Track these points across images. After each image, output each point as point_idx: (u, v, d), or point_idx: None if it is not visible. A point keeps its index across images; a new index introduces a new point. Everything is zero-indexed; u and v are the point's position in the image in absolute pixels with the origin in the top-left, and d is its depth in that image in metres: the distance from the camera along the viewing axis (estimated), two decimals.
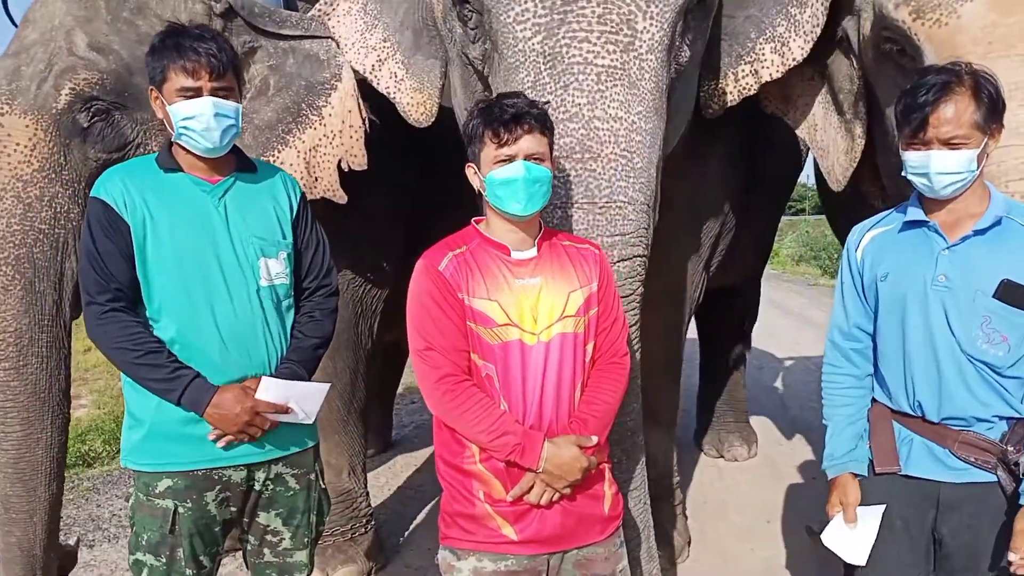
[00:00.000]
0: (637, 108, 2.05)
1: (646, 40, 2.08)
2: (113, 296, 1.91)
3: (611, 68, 2.04)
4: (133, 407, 2.01)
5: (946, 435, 1.89)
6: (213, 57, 1.92)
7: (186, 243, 1.95)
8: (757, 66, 2.60)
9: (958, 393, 1.86)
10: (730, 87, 2.63)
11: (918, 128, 1.80)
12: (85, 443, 5.42)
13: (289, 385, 2.00)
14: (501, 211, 1.85)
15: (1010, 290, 1.80)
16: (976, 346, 1.83)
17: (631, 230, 2.07)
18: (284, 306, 2.08)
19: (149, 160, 2.04)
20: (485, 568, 1.84)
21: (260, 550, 2.13)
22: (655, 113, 2.10)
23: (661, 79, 2.11)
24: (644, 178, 2.07)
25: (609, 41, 2.04)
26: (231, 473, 2.01)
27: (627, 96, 2.05)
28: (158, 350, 1.91)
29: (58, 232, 2.44)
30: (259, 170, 2.12)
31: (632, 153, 2.04)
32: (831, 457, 2.04)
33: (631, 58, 2.06)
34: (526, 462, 1.78)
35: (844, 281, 2.07)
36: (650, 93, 2.08)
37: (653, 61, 2.09)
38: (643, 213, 2.08)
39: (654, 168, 2.10)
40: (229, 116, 1.96)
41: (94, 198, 1.94)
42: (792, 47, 2.55)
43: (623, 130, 2.03)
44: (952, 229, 1.88)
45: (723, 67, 2.62)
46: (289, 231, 2.09)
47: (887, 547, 1.97)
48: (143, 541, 1.98)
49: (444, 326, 1.82)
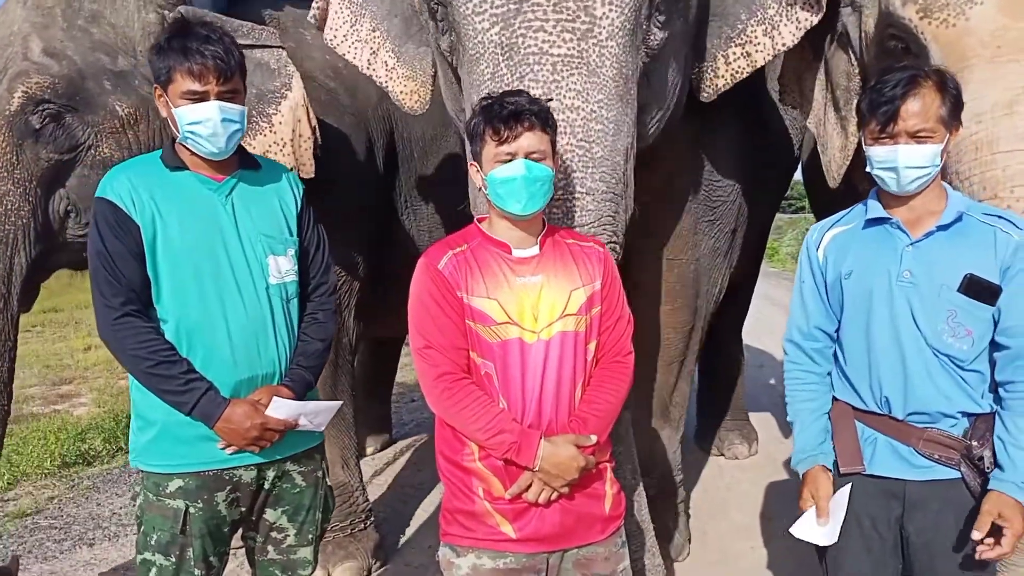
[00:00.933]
0: (597, 96, 2.03)
1: (605, 26, 2.04)
2: (126, 299, 1.89)
3: (567, 57, 2.02)
4: (142, 409, 1.99)
5: (910, 433, 1.90)
6: (220, 60, 1.90)
7: (196, 241, 1.94)
8: (749, 48, 2.54)
9: (924, 388, 1.87)
10: (721, 70, 2.57)
11: (887, 121, 1.82)
12: (85, 441, 5.42)
13: (299, 404, 2.00)
14: (502, 210, 1.84)
15: (974, 284, 1.82)
16: (942, 340, 1.85)
17: (591, 220, 2.05)
18: (292, 303, 2.08)
19: (154, 158, 2.03)
20: (484, 565, 1.84)
21: (265, 547, 2.13)
22: (619, 100, 2.07)
23: (625, 65, 2.09)
24: (605, 167, 2.05)
25: (565, 29, 2.02)
26: (242, 473, 2.01)
27: (585, 85, 2.02)
28: (171, 359, 1.90)
29: (7, 229, 2.55)
30: (263, 167, 2.12)
31: (591, 143, 2.03)
32: (801, 451, 2.03)
33: (590, 45, 2.03)
34: (522, 460, 1.79)
35: (804, 280, 2.07)
36: (612, 80, 2.05)
37: (614, 47, 2.06)
38: (605, 202, 2.06)
39: (620, 156, 2.09)
40: (235, 120, 1.95)
41: (101, 198, 1.92)
42: (783, 31, 2.49)
43: (580, 120, 2.02)
44: (914, 226, 1.90)
45: (713, 49, 2.57)
46: (295, 228, 2.09)
47: (856, 546, 1.98)
48: (152, 541, 1.97)
49: (443, 324, 1.82)
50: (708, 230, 3.24)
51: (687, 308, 3.27)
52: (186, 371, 1.91)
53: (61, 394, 6.93)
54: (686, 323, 3.28)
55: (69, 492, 4.69)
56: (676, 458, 3.50)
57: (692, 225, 3.18)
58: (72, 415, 6.17)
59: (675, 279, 3.23)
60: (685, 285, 3.24)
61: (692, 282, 3.26)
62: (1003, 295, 1.82)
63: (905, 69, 1.87)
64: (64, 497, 4.62)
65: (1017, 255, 1.83)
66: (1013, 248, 1.83)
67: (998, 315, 1.84)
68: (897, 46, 2.31)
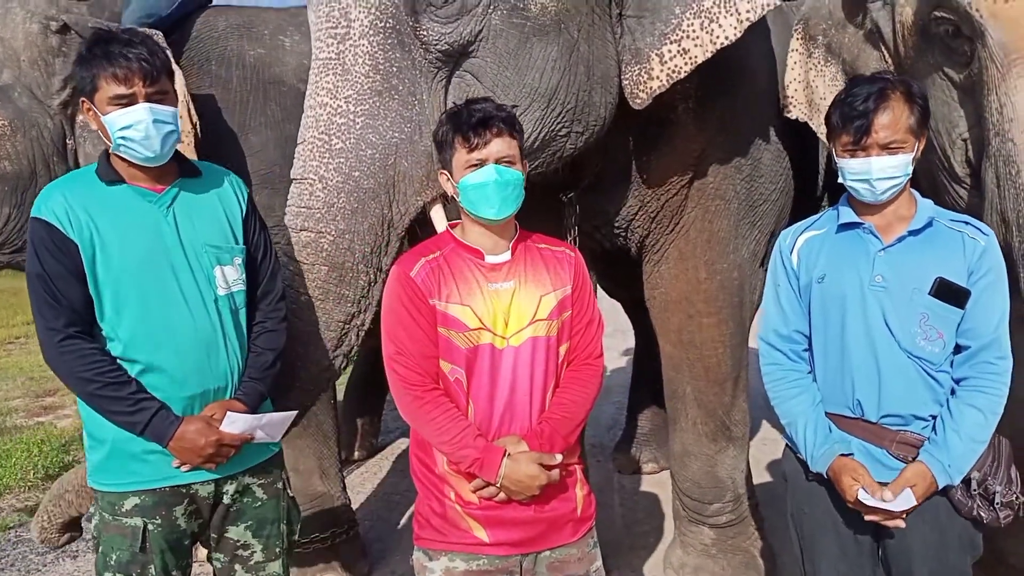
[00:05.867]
0: (346, 93, 2.19)
1: (357, 28, 2.18)
2: (68, 320, 1.84)
3: (328, 60, 2.21)
4: (91, 427, 1.95)
5: (883, 435, 1.92)
6: (145, 61, 1.86)
7: (138, 257, 1.89)
8: (687, 43, 2.35)
9: (897, 391, 1.90)
10: (656, 71, 2.38)
11: (862, 135, 1.85)
12: (69, 453, 5.38)
13: (254, 418, 1.97)
14: (475, 216, 1.86)
15: (944, 288, 1.86)
16: (915, 343, 1.88)
17: (318, 205, 2.19)
18: (242, 313, 2.05)
19: (89, 172, 1.96)
20: (457, 568, 1.86)
21: (231, 567, 2.08)
22: (374, 95, 2.19)
23: (381, 61, 2.19)
24: (343, 158, 2.18)
25: (331, 35, 2.21)
26: (198, 487, 1.97)
27: (336, 83, 2.19)
28: (119, 380, 1.85)
29: None
30: (204, 174, 2.06)
31: (331, 136, 2.18)
32: (815, 448, 1.95)
33: (346, 47, 2.19)
34: (485, 476, 1.81)
35: (780, 284, 2.07)
36: (365, 77, 2.18)
37: (367, 45, 2.18)
38: (335, 192, 2.18)
39: (372, 148, 2.19)
40: (168, 122, 1.90)
41: (36, 219, 1.86)
42: (723, 23, 2.31)
43: (325, 115, 2.19)
44: (885, 231, 1.93)
45: (647, 48, 2.39)
46: (241, 235, 2.05)
47: (832, 550, 1.99)
48: (112, 561, 1.93)
49: (414, 333, 1.83)
50: (749, 232, 3.04)
51: (733, 319, 3.04)
52: (135, 391, 1.86)
53: (44, 406, 6.87)
54: (734, 336, 3.05)
55: None
56: (745, 480, 3.25)
57: (732, 227, 2.97)
58: (56, 427, 6.12)
59: (717, 288, 2.99)
60: (729, 294, 3.01)
61: (737, 290, 3.03)
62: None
63: (873, 81, 1.90)
64: None
65: (983, 260, 1.86)
66: (980, 253, 1.87)
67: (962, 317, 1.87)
68: (946, 30, 2.13)
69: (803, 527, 2.08)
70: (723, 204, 2.95)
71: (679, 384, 3.15)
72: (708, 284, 2.99)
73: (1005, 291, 1.89)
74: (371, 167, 2.19)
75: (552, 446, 1.84)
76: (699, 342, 3.05)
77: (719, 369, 3.06)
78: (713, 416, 3.11)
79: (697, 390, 3.09)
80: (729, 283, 3.01)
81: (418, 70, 2.22)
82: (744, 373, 3.17)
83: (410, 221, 2.28)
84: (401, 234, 2.29)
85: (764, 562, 3.27)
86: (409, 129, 2.21)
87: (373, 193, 2.20)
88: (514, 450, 1.81)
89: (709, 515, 3.18)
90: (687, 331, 3.05)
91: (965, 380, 1.89)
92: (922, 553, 1.90)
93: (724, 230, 2.97)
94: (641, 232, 3.03)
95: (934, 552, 1.89)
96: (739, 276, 3.04)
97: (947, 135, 2.21)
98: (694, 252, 2.99)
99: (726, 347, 3.04)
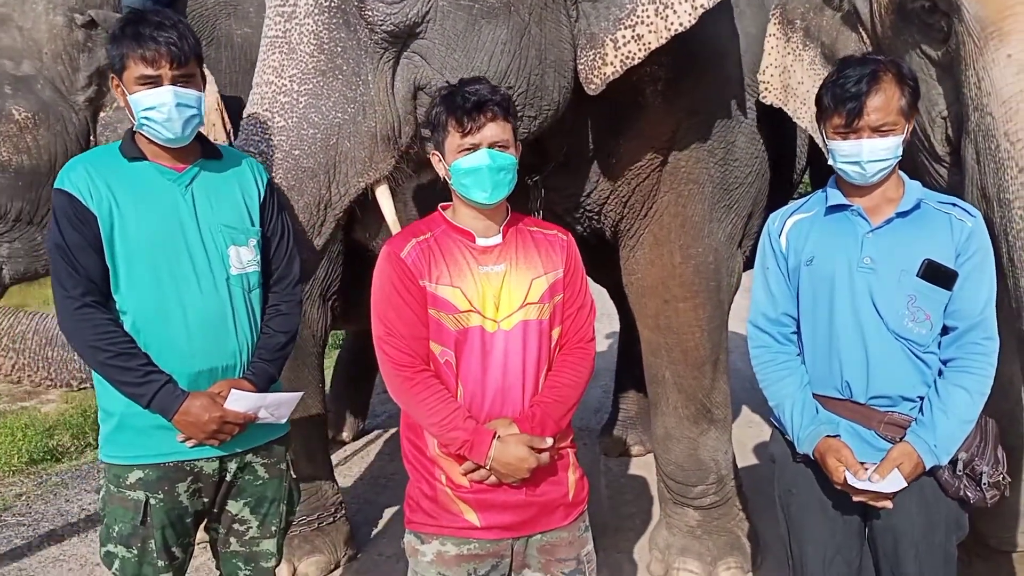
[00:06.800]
0: (291, 72, 2.19)
1: (303, 7, 2.18)
2: (85, 290, 1.89)
3: (275, 39, 2.22)
4: (103, 400, 1.99)
5: (871, 416, 1.93)
6: (173, 45, 1.90)
7: (154, 233, 1.93)
8: (641, 30, 2.33)
9: (885, 372, 1.91)
10: (610, 56, 2.36)
11: (854, 117, 1.84)
12: (53, 438, 5.37)
13: (259, 397, 1.99)
14: (467, 199, 1.85)
15: (932, 269, 1.87)
16: (903, 324, 1.89)
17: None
18: (255, 294, 2.07)
19: (113, 149, 2.02)
20: (448, 552, 1.86)
21: (227, 539, 2.13)
22: (317, 75, 2.19)
23: (326, 40, 2.18)
24: (285, 135, 2.19)
25: (278, 14, 2.21)
26: (203, 464, 2.00)
27: (281, 62, 2.19)
28: (130, 352, 1.89)
29: None
30: (225, 157, 2.11)
31: (273, 113, 2.19)
32: (802, 429, 1.96)
33: (292, 26, 2.19)
34: (474, 458, 1.81)
35: (768, 267, 2.08)
36: (310, 56, 2.18)
37: (311, 24, 2.17)
38: (272, 169, 2.18)
39: (314, 128, 2.19)
40: (191, 106, 1.95)
41: (59, 190, 1.91)
42: (677, 10, 2.29)
43: (270, 93, 2.20)
44: (873, 213, 1.94)
45: (602, 34, 2.37)
46: (257, 218, 2.08)
47: (820, 530, 2.01)
48: (114, 533, 1.97)
49: (404, 314, 1.83)
50: (724, 216, 3.05)
51: (710, 303, 3.05)
52: (145, 363, 1.90)
53: (29, 391, 6.82)
54: (711, 319, 3.07)
55: (37, 489, 4.64)
56: (729, 462, 3.27)
57: (707, 211, 2.98)
58: (40, 411, 6.09)
59: (692, 272, 3.00)
60: (705, 278, 3.02)
61: (713, 274, 3.04)
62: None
63: (864, 63, 1.89)
64: (32, 494, 4.57)
65: (970, 241, 1.87)
66: (967, 234, 1.87)
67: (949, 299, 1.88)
68: (923, 6, 2.09)
69: (790, 508, 2.10)
70: (696, 188, 2.95)
71: (658, 369, 3.17)
72: (683, 269, 3.01)
73: (992, 273, 1.90)
74: (312, 146, 2.19)
75: (543, 429, 1.84)
76: (676, 327, 3.07)
77: (697, 353, 3.08)
78: (693, 399, 3.13)
79: (676, 374, 3.12)
80: (704, 267, 3.02)
81: (363, 50, 2.20)
82: (724, 356, 3.18)
83: (350, 202, 2.28)
84: (338, 215, 2.28)
85: (749, 543, 3.30)
86: (352, 110, 2.20)
87: (312, 173, 2.20)
88: (504, 433, 1.81)
89: (693, 497, 3.21)
90: (664, 316, 3.07)
91: (952, 361, 1.90)
92: (909, 533, 1.92)
93: (698, 214, 2.99)
94: (614, 217, 3.04)
95: (920, 532, 1.91)
96: (715, 260, 3.04)
97: (926, 114, 2.19)
98: (668, 237, 3.00)
99: (703, 331, 3.06)
